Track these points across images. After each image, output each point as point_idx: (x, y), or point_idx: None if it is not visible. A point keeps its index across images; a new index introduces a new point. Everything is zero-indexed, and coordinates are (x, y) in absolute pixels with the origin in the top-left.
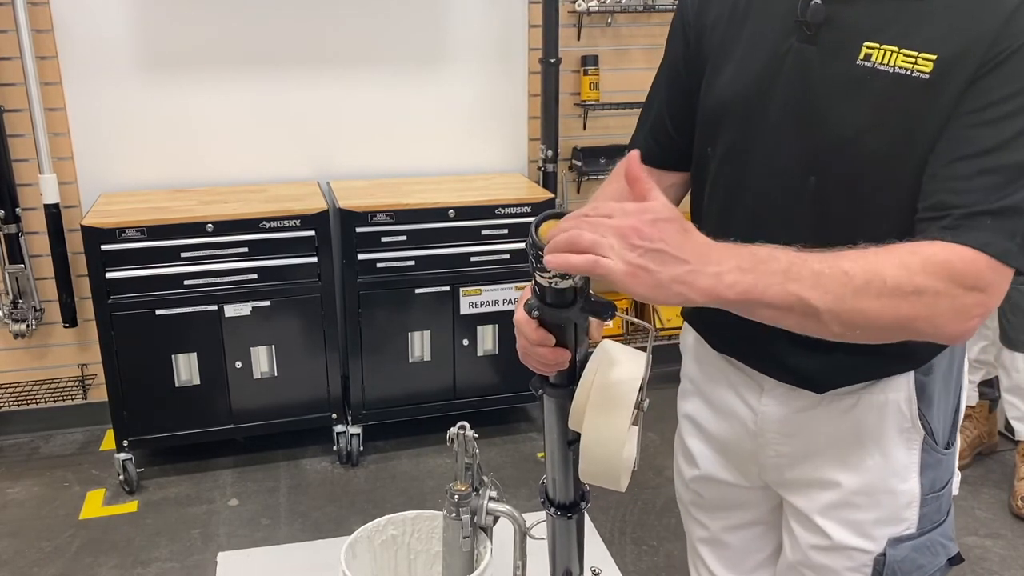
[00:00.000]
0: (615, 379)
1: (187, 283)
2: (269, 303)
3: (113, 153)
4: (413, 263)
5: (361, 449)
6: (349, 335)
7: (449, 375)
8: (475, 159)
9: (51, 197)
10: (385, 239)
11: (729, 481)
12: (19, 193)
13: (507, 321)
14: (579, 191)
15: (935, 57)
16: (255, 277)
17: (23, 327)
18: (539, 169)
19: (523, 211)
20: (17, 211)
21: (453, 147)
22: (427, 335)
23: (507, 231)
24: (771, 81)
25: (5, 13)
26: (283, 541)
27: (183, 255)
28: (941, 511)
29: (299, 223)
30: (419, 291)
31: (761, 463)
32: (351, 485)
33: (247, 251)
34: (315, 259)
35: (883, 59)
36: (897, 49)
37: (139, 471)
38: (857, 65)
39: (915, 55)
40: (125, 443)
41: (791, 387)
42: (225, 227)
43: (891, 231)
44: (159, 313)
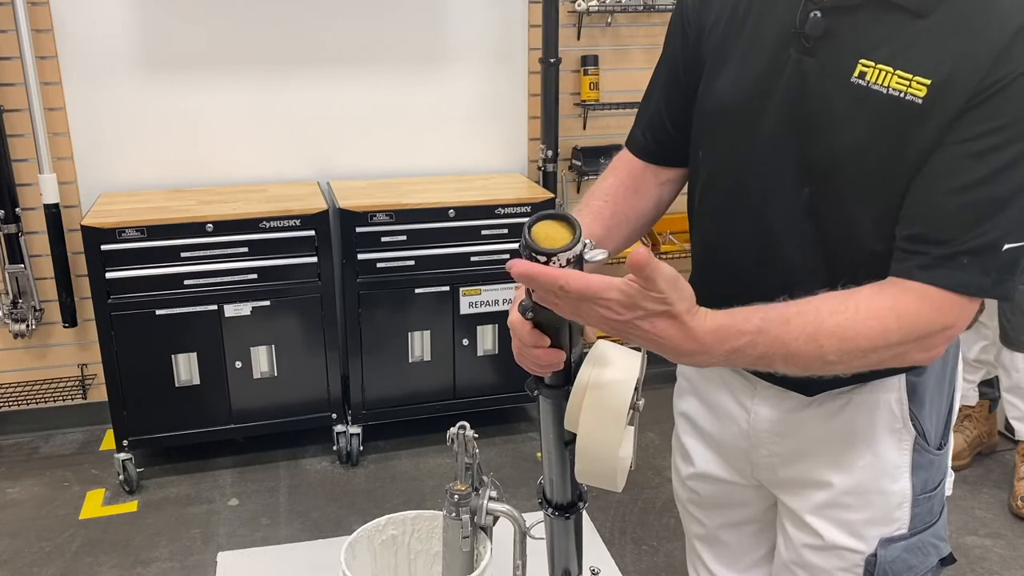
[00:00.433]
0: (610, 379)
1: (187, 283)
2: (269, 303)
3: (113, 153)
4: (413, 263)
5: (361, 449)
6: (349, 335)
7: (449, 375)
8: (475, 159)
9: (51, 197)
10: (385, 239)
11: (725, 478)
12: (19, 193)
13: (506, 321)
14: (579, 191)
15: (929, 82)
16: (255, 277)
17: (23, 327)
18: (539, 169)
19: (523, 211)
20: (17, 211)
21: (453, 147)
22: (427, 335)
23: (507, 231)
24: (768, 90)
25: (5, 13)
26: (283, 541)
27: (183, 255)
28: (933, 512)
29: (299, 223)
30: (419, 291)
31: (755, 462)
32: (351, 485)
33: (247, 251)
34: (315, 259)
35: (877, 79)
36: (891, 70)
37: (139, 471)
38: (852, 83)
39: (909, 78)
40: (125, 443)
41: (782, 389)
42: (225, 227)
43: (885, 240)
44: (159, 313)
